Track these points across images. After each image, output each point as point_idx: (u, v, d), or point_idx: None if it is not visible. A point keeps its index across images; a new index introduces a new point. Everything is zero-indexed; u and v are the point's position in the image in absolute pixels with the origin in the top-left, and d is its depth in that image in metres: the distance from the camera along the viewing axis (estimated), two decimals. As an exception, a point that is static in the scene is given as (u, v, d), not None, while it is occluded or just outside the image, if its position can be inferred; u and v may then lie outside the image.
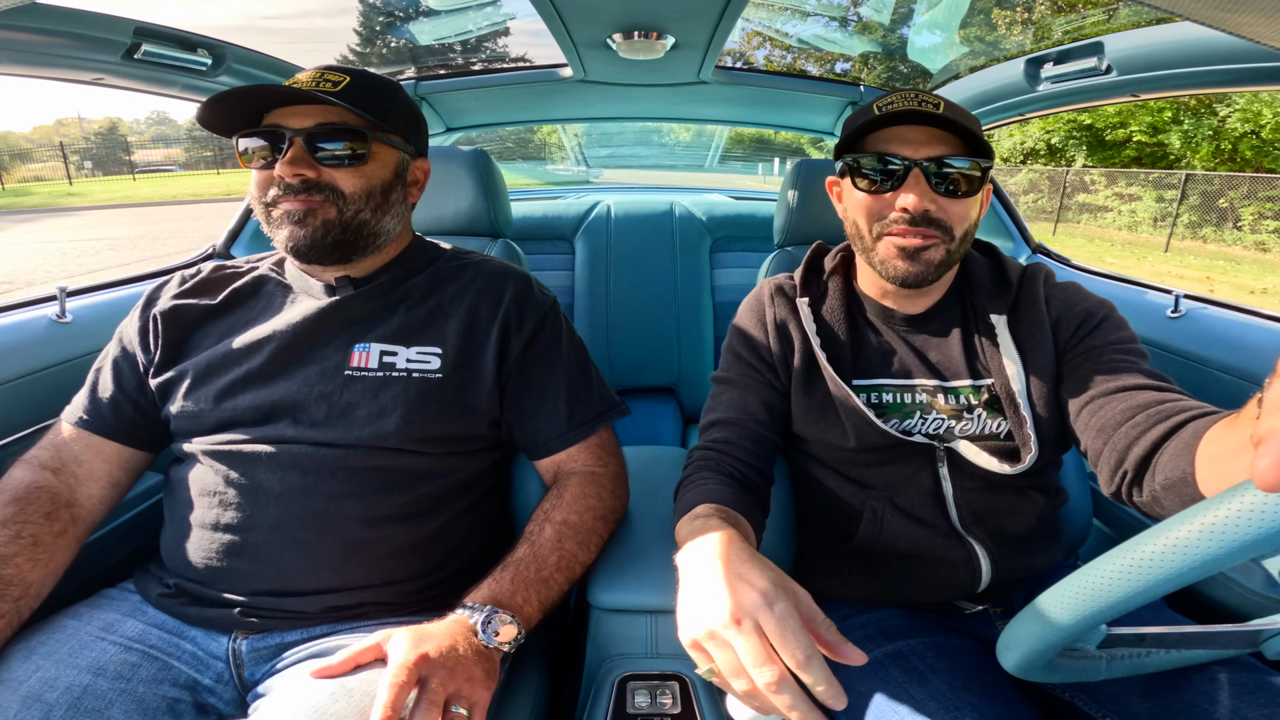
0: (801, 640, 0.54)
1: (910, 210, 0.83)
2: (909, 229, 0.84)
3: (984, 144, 0.83)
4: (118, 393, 0.94)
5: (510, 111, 2.21)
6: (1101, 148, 15.34)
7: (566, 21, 1.31)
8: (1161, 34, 1.15)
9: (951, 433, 0.90)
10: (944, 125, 0.82)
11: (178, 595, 0.86)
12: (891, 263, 0.87)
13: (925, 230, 0.84)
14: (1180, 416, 0.72)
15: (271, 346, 0.91)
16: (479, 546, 0.98)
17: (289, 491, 0.85)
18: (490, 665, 0.76)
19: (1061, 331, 0.89)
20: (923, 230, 0.84)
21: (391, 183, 0.95)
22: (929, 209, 0.83)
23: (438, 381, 0.92)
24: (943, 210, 0.84)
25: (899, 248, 0.85)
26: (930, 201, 0.83)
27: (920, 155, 0.83)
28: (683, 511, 0.82)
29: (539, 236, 2.16)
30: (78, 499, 0.89)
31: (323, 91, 0.86)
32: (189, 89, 1.43)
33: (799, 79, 1.90)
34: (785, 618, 0.56)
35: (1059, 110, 1.60)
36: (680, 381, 2.15)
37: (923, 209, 0.83)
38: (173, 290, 0.98)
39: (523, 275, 1.04)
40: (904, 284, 0.87)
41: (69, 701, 0.72)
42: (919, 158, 0.83)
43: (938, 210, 0.84)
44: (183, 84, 1.39)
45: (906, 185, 0.84)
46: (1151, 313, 1.42)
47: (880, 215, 0.87)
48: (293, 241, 0.88)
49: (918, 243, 0.84)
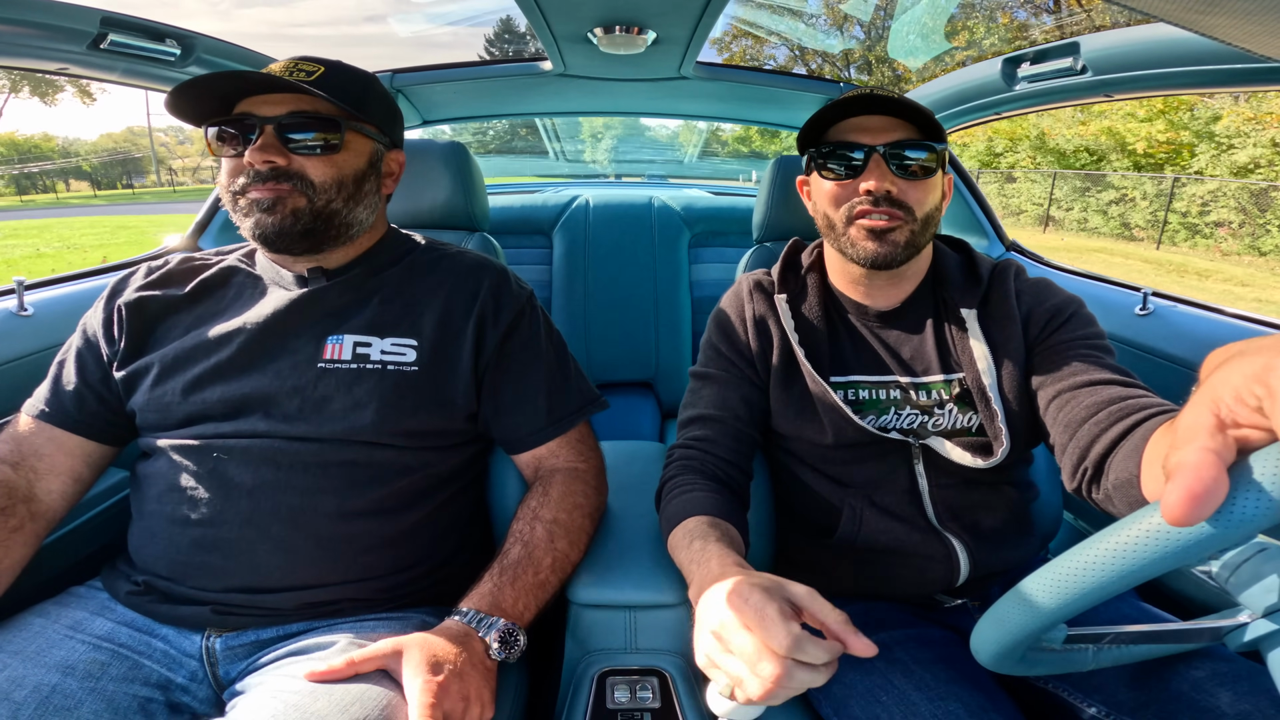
0: (778, 628, 0.54)
1: (873, 192, 0.87)
2: (873, 209, 0.88)
3: (938, 129, 0.88)
4: (81, 385, 0.91)
5: (488, 104, 2.19)
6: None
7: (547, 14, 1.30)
8: (1137, 35, 1.17)
9: (925, 428, 0.92)
10: (899, 112, 0.87)
11: (147, 593, 0.84)
12: (861, 244, 0.90)
13: (889, 210, 0.88)
14: (1138, 415, 0.73)
15: (242, 338, 0.89)
16: (456, 542, 0.98)
17: (261, 486, 0.83)
18: (494, 679, 0.76)
19: (1031, 326, 0.91)
20: (887, 210, 0.88)
21: (365, 173, 0.93)
22: (890, 190, 0.87)
23: (414, 374, 0.90)
24: (903, 192, 0.88)
25: (866, 229, 0.89)
26: (891, 184, 0.87)
27: (879, 141, 0.88)
28: (672, 520, 0.83)
29: (517, 230, 2.14)
30: (36, 494, 0.87)
31: (295, 80, 0.84)
32: (157, 79, 1.39)
33: (779, 76, 1.91)
34: (760, 609, 0.56)
35: (1035, 110, 1.62)
36: (658, 376, 2.15)
37: (884, 190, 0.87)
38: (139, 281, 0.96)
39: (499, 268, 1.03)
40: (874, 264, 0.90)
41: (37, 700, 0.70)
42: (877, 143, 0.87)
43: (899, 192, 0.88)
44: (151, 74, 1.36)
45: (868, 170, 0.88)
46: (1120, 310, 1.45)
47: (846, 200, 0.90)
48: (260, 229, 0.86)
49: (883, 223, 0.88)
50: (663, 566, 0.93)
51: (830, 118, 0.90)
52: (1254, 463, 0.36)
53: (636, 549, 0.97)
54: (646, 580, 0.91)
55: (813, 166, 0.94)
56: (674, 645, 0.89)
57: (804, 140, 0.95)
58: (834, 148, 0.90)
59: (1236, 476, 0.36)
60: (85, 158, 34.34)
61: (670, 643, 0.89)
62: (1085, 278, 1.68)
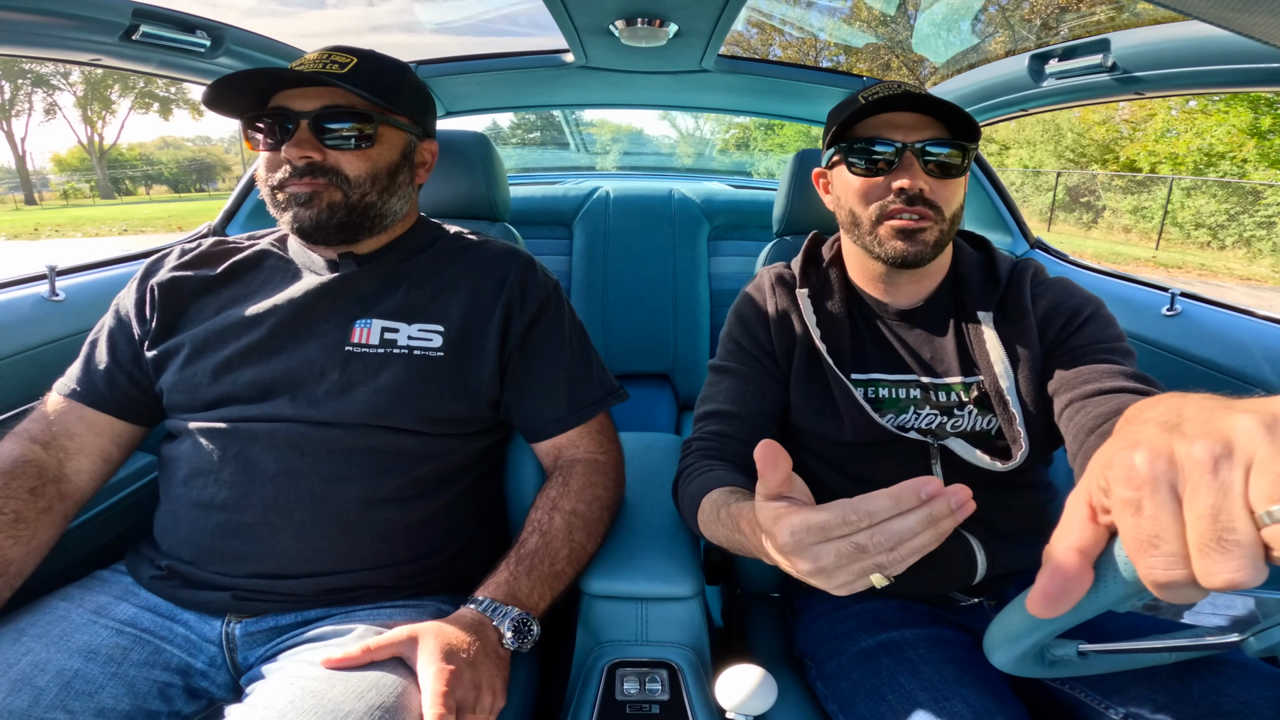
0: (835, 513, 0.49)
1: (906, 190, 0.85)
2: (906, 209, 0.86)
3: (970, 127, 0.86)
4: (112, 364, 0.93)
5: (511, 96, 2.20)
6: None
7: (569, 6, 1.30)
8: (1168, 32, 1.15)
9: (944, 429, 0.91)
10: (931, 109, 0.85)
11: (170, 577, 0.85)
12: (890, 243, 0.88)
13: (921, 210, 0.86)
14: None
15: (272, 321, 0.91)
16: (475, 530, 0.99)
17: (285, 472, 0.84)
18: (506, 668, 0.77)
19: (1048, 328, 0.90)
20: (919, 210, 0.86)
21: (398, 164, 0.95)
22: (923, 189, 0.86)
23: (439, 360, 0.91)
24: (934, 191, 0.86)
25: (897, 229, 0.87)
26: (924, 183, 0.86)
27: (912, 139, 0.86)
28: (695, 498, 0.82)
29: (537, 221, 2.15)
30: (66, 474, 0.88)
31: (329, 74, 0.85)
32: (188, 70, 1.42)
33: (801, 69, 1.89)
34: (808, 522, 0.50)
35: (1062, 107, 1.59)
36: (675, 368, 2.15)
37: (918, 189, 0.85)
38: (172, 262, 0.98)
39: (526, 257, 1.04)
40: (903, 264, 0.89)
41: (59, 685, 0.72)
42: (910, 141, 0.86)
43: (930, 191, 0.86)
44: (182, 65, 1.38)
45: (900, 167, 0.86)
46: (1146, 310, 1.42)
47: (877, 198, 0.89)
48: (298, 223, 0.88)
49: (914, 224, 0.86)
50: (675, 559, 0.94)
51: (860, 112, 0.88)
52: (1115, 550, 0.39)
53: (650, 541, 0.97)
54: (659, 573, 0.91)
55: (838, 161, 0.93)
56: (684, 638, 0.89)
57: (829, 134, 0.93)
58: (865, 143, 0.88)
59: (1101, 563, 0.39)
60: (166, 165, 35.83)
61: (680, 635, 0.89)
62: (1111, 277, 1.66)
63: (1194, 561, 0.33)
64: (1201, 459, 0.33)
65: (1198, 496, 0.33)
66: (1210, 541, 0.32)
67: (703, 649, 0.91)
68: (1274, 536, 0.31)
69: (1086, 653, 0.57)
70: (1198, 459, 0.33)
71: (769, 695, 0.65)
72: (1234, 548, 0.31)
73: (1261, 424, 0.32)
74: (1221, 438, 0.33)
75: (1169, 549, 0.34)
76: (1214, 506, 0.32)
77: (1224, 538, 0.32)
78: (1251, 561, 0.31)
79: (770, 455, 0.53)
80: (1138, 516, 0.35)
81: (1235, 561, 0.31)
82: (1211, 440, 0.33)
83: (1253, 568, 0.31)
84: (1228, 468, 0.32)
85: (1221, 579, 0.32)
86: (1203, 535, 0.32)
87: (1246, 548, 0.31)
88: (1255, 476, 0.31)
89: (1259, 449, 0.32)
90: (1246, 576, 0.31)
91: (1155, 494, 0.34)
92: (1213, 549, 0.32)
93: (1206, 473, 0.33)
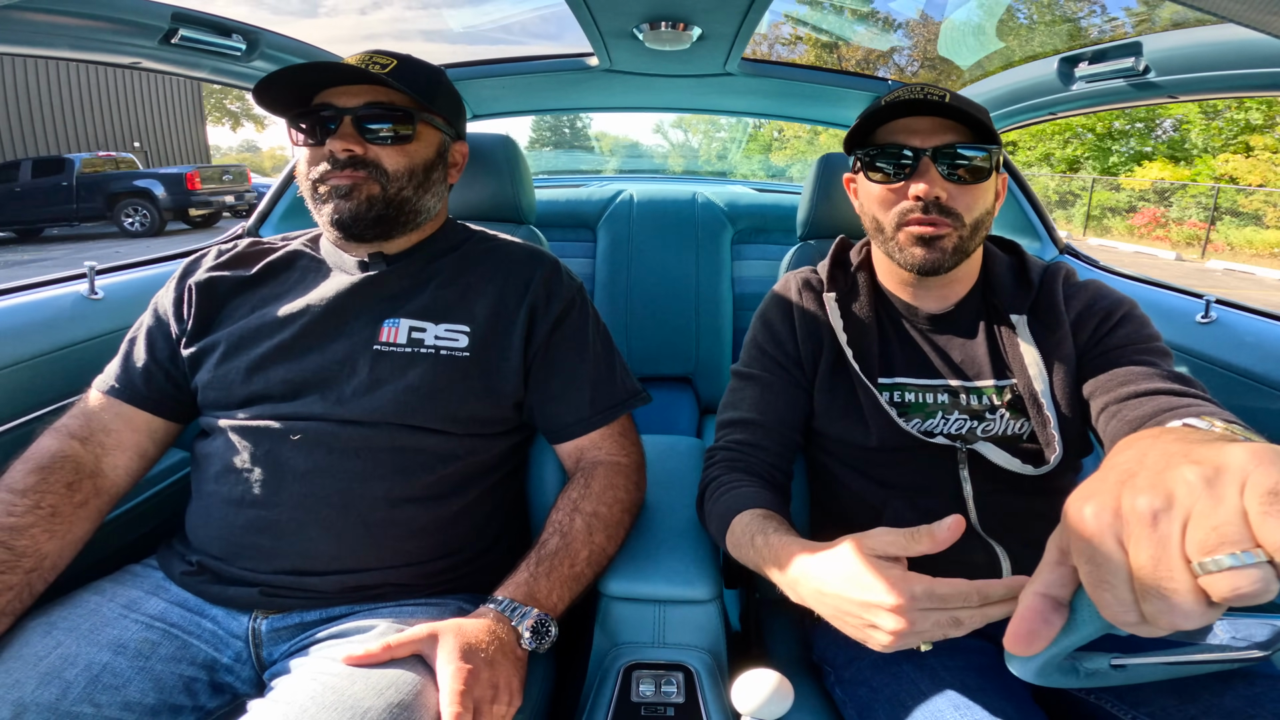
0: (957, 589, 0.58)
1: (923, 198, 0.85)
2: (923, 216, 0.86)
3: (991, 131, 0.84)
4: (150, 362, 0.95)
5: (536, 100, 2.22)
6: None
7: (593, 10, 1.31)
8: (1203, 35, 1.12)
9: (974, 433, 0.90)
10: (950, 114, 0.84)
11: (200, 573, 0.87)
12: (909, 250, 0.88)
13: (938, 218, 0.85)
14: None
15: (303, 320, 0.93)
16: (497, 530, 1.00)
17: (313, 470, 0.86)
18: (524, 668, 0.78)
19: (1081, 330, 0.89)
20: (935, 218, 0.85)
21: (433, 162, 0.97)
22: (940, 196, 0.85)
23: (464, 360, 0.93)
24: (953, 198, 0.85)
25: (915, 236, 0.87)
26: (941, 189, 0.85)
27: (929, 144, 0.85)
28: (725, 516, 0.84)
29: (562, 224, 2.17)
30: (103, 469, 0.90)
31: (373, 72, 0.88)
32: (224, 73, 1.45)
33: (826, 73, 1.88)
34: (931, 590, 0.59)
35: (1092, 111, 1.56)
36: (698, 371, 2.15)
37: (934, 196, 0.84)
38: (209, 262, 1.01)
39: (552, 259, 1.05)
40: (921, 271, 0.88)
41: (88, 679, 0.73)
42: (927, 146, 0.85)
43: (948, 198, 0.85)
44: (218, 68, 1.42)
45: (918, 174, 0.86)
46: (1180, 317, 1.39)
47: (896, 204, 0.88)
48: (338, 214, 0.90)
49: (931, 230, 0.86)
50: (694, 563, 0.94)
51: (879, 118, 0.88)
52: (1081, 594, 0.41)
53: (669, 544, 0.98)
54: (677, 575, 0.91)
55: (860, 167, 0.92)
56: (701, 641, 0.89)
57: (851, 140, 0.93)
58: (882, 149, 0.88)
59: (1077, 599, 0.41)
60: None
61: (697, 638, 0.89)
62: (1142, 283, 1.62)
63: (1141, 605, 0.35)
64: (1143, 513, 0.35)
65: (1139, 548, 0.35)
66: (1151, 590, 0.34)
67: (719, 653, 0.90)
68: (1210, 585, 0.32)
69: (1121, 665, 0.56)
70: (1140, 512, 0.35)
71: (785, 700, 0.65)
72: (1174, 594, 0.33)
73: (1202, 477, 0.34)
74: (1164, 491, 0.35)
75: (1120, 595, 0.36)
76: (1153, 558, 0.34)
77: (1163, 586, 0.34)
78: (1193, 607, 0.33)
79: (949, 536, 0.58)
80: (1090, 564, 0.37)
81: (1178, 608, 0.34)
82: (1153, 494, 0.35)
83: (1196, 613, 0.33)
84: (1166, 521, 0.34)
85: (1165, 622, 0.34)
86: (1144, 583, 0.35)
87: (1185, 595, 0.33)
88: (1192, 528, 0.33)
89: (1196, 502, 0.33)
90: (1190, 621, 0.34)
91: (1102, 545, 0.37)
92: (1154, 596, 0.34)
93: (1146, 526, 0.35)
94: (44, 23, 1.06)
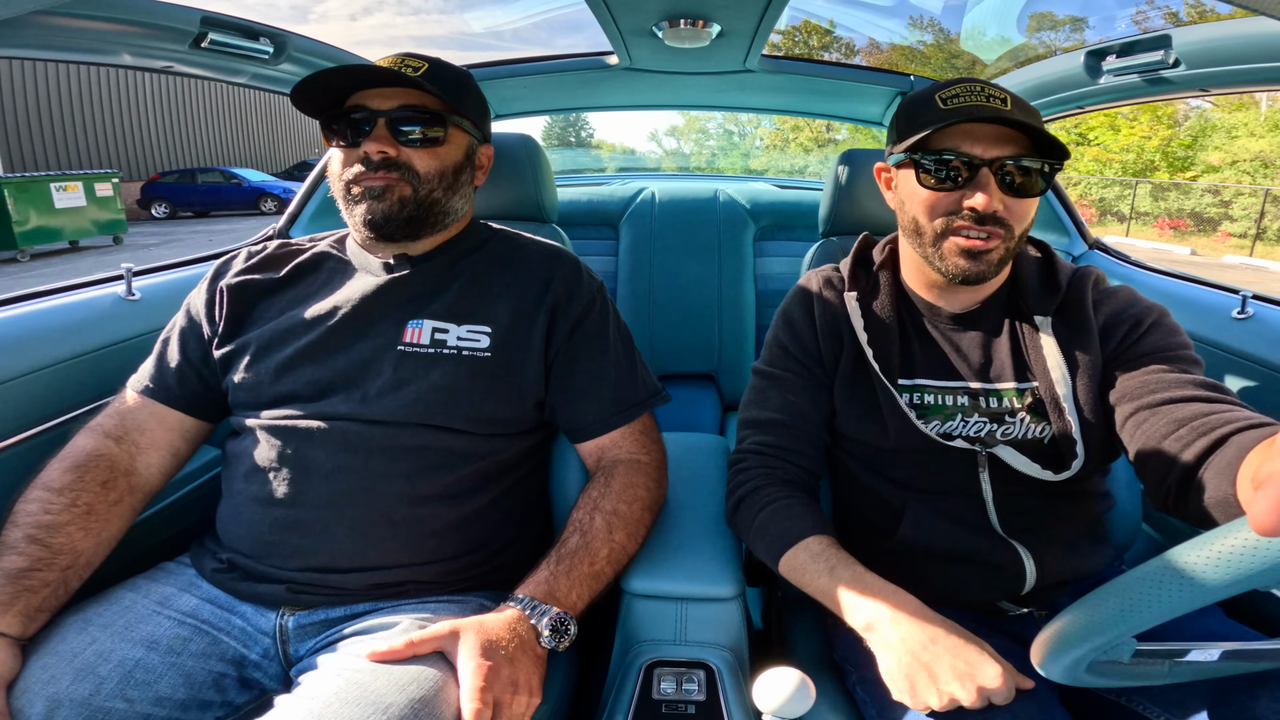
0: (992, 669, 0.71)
1: (979, 210, 0.81)
2: (976, 228, 0.83)
3: (1053, 142, 0.80)
4: (183, 362, 0.97)
5: (558, 99, 2.23)
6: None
7: (613, 9, 1.31)
8: (1234, 28, 1.10)
9: (993, 436, 0.89)
10: (1014, 124, 0.80)
11: (230, 570, 0.89)
12: (953, 259, 0.85)
13: (991, 229, 0.83)
14: (1224, 429, 0.70)
15: (330, 321, 0.94)
16: (518, 528, 1.01)
17: (339, 469, 0.87)
18: (543, 666, 0.79)
19: (1110, 337, 0.87)
20: (989, 229, 0.83)
21: (462, 164, 0.99)
22: (997, 209, 0.82)
23: (486, 360, 0.94)
24: (1008, 210, 0.82)
25: (963, 248, 0.84)
26: (999, 202, 0.81)
27: (991, 154, 0.81)
28: (784, 537, 0.86)
29: (584, 222, 2.18)
30: (137, 468, 0.93)
31: (407, 75, 0.90)
32: (253, 77, 1.47)
33: (847, 68, 1.87)
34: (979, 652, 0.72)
35: (1121, 104, 1.53)
36: (720, 369, 2.15)
37: (992, 209, 0.81)
38: (239, 265, 1.02)
39: (572, 259, 1.06)
40: (964, 281, 0.86)
41: (120, 675, 0.75)
42: (989, 157, 0.81)
43: (1004, 210, 0.82)
44: (247, 72, 1.44)
45: (976, 184, 0.82)
46: (1215, 313, 1.36)
47: (945, 212, 0.85)
48: (370, 215, 0.92)
49: (982, 244, 0.83)
50: (717, 560, 0.94)
51: (934, 117, 0.83)
52: None
53: (692, 541, 0.98)
54: (700, 573, 0.92)
55: (909, 164, 0.88)
56: (723, 639, 0.89)
57: (899, 136, 0.89)
58: (939, 154, 0.83)
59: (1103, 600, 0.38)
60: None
61: (719, 636, 0.89)
62: (1176, 278, 1.59)
63: None
64: None
65: None
66: None
67: (741, 651, 0.90)
68: None
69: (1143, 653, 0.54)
70: None
71: (806, 699, 0.65)
72: None
73: None
74: None
75: None
76: None
77: None
78: None
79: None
80: None
81: None
82: None
83: None
84: None
85: None
86: None
87: None
88: None
89: None
90: None
91: None
92: None
93: None
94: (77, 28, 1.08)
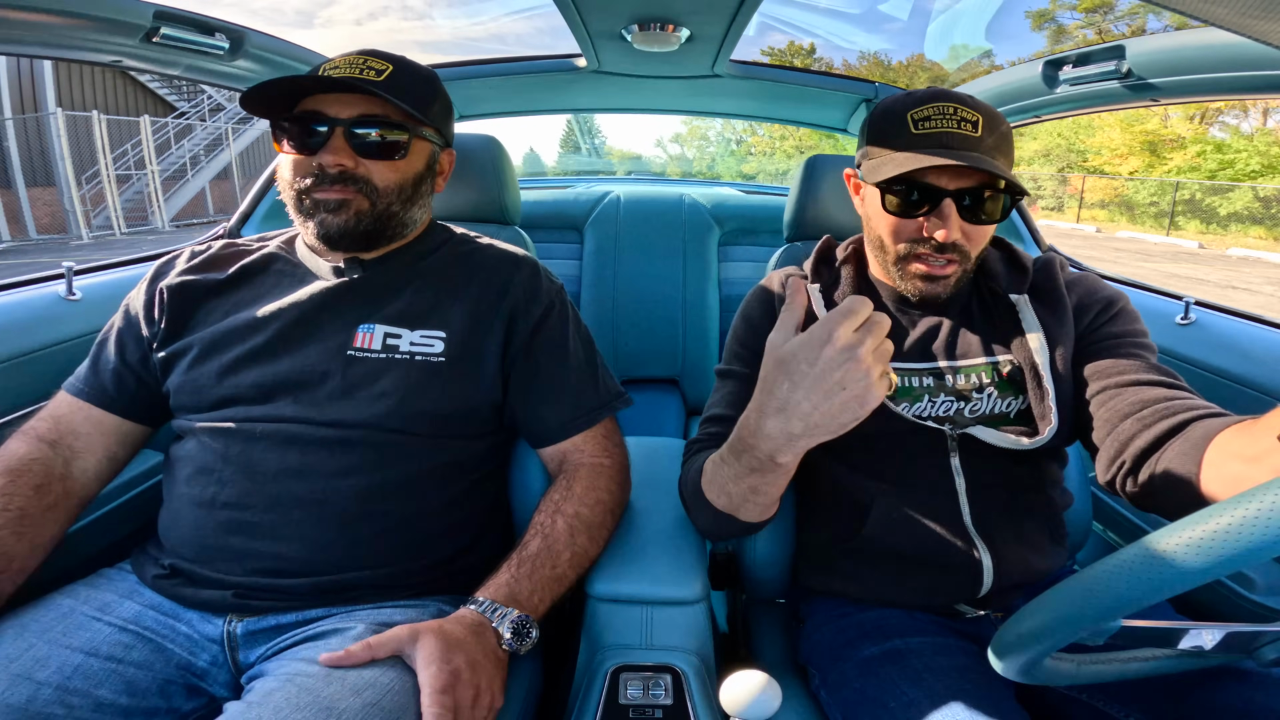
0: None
1: (940, 241, 0.84)
2: (935, 255, 0.85)
3: (1016, 186, 0.82)
4: (120, 365, 0.94)
5: (524, 101, 2.21)
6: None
7: (582, 11, 1.31)
8: (1185, 39, 1.14)
9: (962, 414, 0.90)
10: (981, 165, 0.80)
11: (173, 576, 0.85)
12: (913, 281, 0.89)
13: (950, 256, 0.85)
14: (1188, 414, 0.73)
15: (277, 324, 0.91)
16: (477, 532, 0.99)
17: (286, 470, 0.85)
18: (505, 669, 0.77)
19: (1082, 316, 0.91)
20: (949, 256, 0.85)
21: (423, 175, 0.96)
22: (957, 239, 0.84)
23: (440, 365, 0.92)
24: (967, 237, 0.85)
25: (924, 274, 0.87)
26: (959, 232, 0.84)
27: (955, 185, 0.82)
28: (696, 476, 0.85)
29: (548, 226, 2.16)
30: (72, 472, 0.89)
31: (368, 81, 0.86)
32: (207, 73, 1.44)
33: (813, 75, 1.89)
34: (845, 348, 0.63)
35: (1077, 114, 1.58)
36: (684, 373, 2.15)
37: (952, 240, 0.84)
38: (181, 265, 0.99)
39: (531, 261, 1.04)
40: (922, 300, 0.90)
41: (58, 681, 0.72)
42: (953, 189, 0.82)
43: (963, 239, 0.85)
44: (201, 68, 1.40)
45: (939, 214, 0.83)
46: (1160, 318, 1.41)
47: (908, 239, 0.87)
48: (324, 229, 0.89)
49: (940, 270, 0.86)
50: (681, 563, 0.93)
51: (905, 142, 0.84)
52: None
53: (656, 545, 0.97)
54: (664, 576, 0.91)
55: (875, 185, 0.89)
56: (689, 643, 0.89)
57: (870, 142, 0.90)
58: (907, 183, 0.84)
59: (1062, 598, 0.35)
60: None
61: (685, 640, 0.89)
62: (1123, 284, 1.64)
63: None
64: None
65: None
66: None
67: (707, 654, 0.90)
68: None
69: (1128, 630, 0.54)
70: None
71: (773, 701, 0.65)
72: None
73: None
74: None
75: None
76: None
77: None
78: None
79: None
80: None
81: None
82: None
83: None
84: None
85: None
86: None
87: None
88: None
89: None
90: None
91: None
92: None
93: None
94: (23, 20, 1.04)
